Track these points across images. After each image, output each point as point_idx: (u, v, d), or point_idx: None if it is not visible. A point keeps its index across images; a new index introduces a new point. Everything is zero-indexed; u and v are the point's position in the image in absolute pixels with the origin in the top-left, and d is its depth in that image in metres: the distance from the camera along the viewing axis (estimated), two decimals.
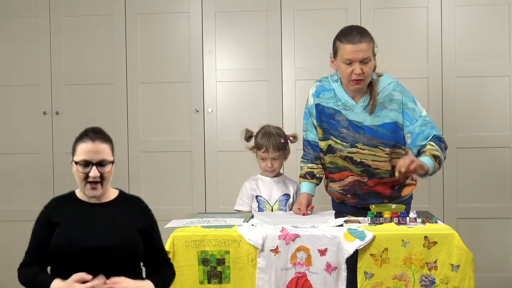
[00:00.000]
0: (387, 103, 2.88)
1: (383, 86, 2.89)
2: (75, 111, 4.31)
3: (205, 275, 2.55)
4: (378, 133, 2.88)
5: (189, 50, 4.27)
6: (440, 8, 4.14)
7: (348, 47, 2.79)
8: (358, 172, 2.96)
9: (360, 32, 2.82)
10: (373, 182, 2.97)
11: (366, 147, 2.89)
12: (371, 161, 2.91)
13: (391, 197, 3.02)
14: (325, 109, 2.95)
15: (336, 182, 3.04)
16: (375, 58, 2.86)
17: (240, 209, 3.23)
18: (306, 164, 3.10)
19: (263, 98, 4.24)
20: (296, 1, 4.20)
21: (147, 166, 4.31)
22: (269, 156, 3.18)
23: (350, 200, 3.05)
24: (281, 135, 3.22)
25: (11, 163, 4.37)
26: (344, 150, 2.93)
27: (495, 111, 4.14)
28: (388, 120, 2.87)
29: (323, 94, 2.98)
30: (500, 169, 4.15)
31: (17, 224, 4.13)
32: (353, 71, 2.79)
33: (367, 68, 2.80)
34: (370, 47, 2.81)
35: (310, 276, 2.53)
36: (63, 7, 4.32)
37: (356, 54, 2.78)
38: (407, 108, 2.87)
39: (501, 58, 4.12)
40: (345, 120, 2.91)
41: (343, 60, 2.82)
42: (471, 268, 2.48)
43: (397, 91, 2.89)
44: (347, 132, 2.91)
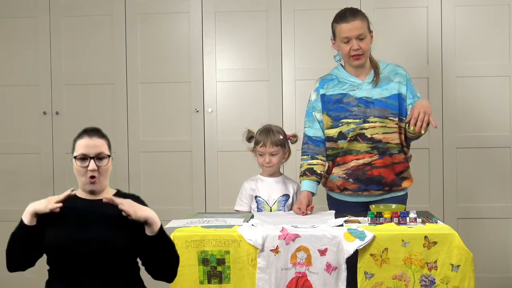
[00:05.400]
0: (392, 76, 3.10)
1: (385, 64, 3.15)
2: (75, 111, 4.31)
3: (205, 275, 2.55)
4: (388, 104, 3.05)
5: (189, 50, 4.27)
6: (440, 8, 4.14)
7: (344, 26, 3.05)
8: (368, 149, 3.04)
9: (353, 12, 3.08)
10: (382, 161, 3.04)
11: (377, 119, 3.04)
12: (382, 135, 3.04)
13: (391, 184, 3.07)
14: (331, 97, 3.10)
15: (340, 166, 3.09)
16: (372, 35, 3.10)
17: (239, 209, 3.23)
18: (306, 161, 3.12)
19: (263, 98, 4.24)
20: (296, 1, 4.20)
21: (147, 166, 4.31)
22: (266, 150, 3.18)
23: (351, 185, 3.07)
24: (280, 132, 3.22)
25: (11, 163, 4.38)
26: (356, 128, 3.04)
27: (495, 111, 4.14)
28: (395, 92, 3.07)
29: (327, 84, 3.15)
30: (500, 169, 4.15)
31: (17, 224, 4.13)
32: (351, 47, 3.03)
33: (364, 44, 3.04)
34: (364, 24, 3.06)
35: (310, 276, 2.53)
36: (63, 7, 4.32)
37: (351, 32, 3.03)
38: (410, 84, 3.11)
39: (501, 58, 4.12)
40: (354, 100, 3.07)
41: (341, 39, 3.07)
42: (471, 268, 2.48)
43: (401, 68, 3.15)
44: (358, 109, 3.05)
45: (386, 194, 3.08)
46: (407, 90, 3.07)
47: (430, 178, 4.15)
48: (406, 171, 3.12)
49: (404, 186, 3.11)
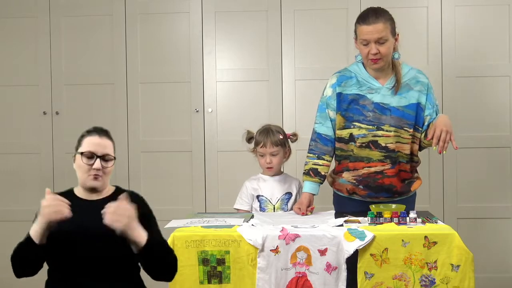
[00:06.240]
0: (413, 84, 2.97)
1: (407, 69, 3.01)
2: (75, 111, 4.31)
3: (205, 275, 2.55)
4: (405, 113, 2.94)
5: (189, 50, 4.27)
6: (440, 8, 4.14)
7: (364, 28, 2.88)
8: (381, 158, 2.96)
9: (376, 13, 2.90)
10: (393, 171, 2.97)
11: (392, 128, 2.94)
12: (395, 144, 2.95)
13: (401, 192, 3.04)
14: (348, 97, 2.98)
15: (350, 172, 3.02)
16: (397, 38, 2.95)
17: (239, 208, 3.23)
18: (311, 159, 3.06)
19: (263, 98, 4.24)
20: (296, 1, 4.20)
21: (147, 166, 4.31)
22: (267, 151, 3.17)
23: (361, 191, 3.03)
24: (280, 132, 3.21)
25: (11, 163, 4.38)
26: (368, 134, 2.95)
27: (495, 111, 4.14)
28: (414, 101, 2.95)
29: (345, 82, 3.01)
30: (500, 169, 4.15)
31: (17, 224, 4.12)
32: (370, 51, 2.88)
33: (384, 48, 2.88)
34: (387, 27, 2.89)
35: (310, 276, 2.53)
36: (63, 7, 4.32)
37: (371, 35, 2.86)
38: (430, 92, 2.99)
39: (501, 58, 4.13)
40: (370, 104, 2.95)
41: (360, 41, 2.92)
42: (471, 268, 2.48)
43: (423, 75, 3.02)
44: (373, 114, 2.94)
45: (395, 199, 3.04)
46: (426, 100, 2.96)
47: (430, 178, 4.15)
48: (412, 177, 3.06)
49: (414, 189, 3.08)
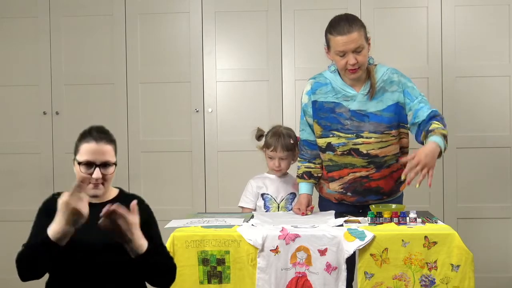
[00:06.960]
0: (388, 86, 2.87)
1: (382, 71, 2.90)
2: (75, 111, 4.31)
3: (205, 275, 2.55)
4: (384, 118, 2.86)
5: (189, 50, 4.27)
6: (440, 8, 4.14)
7: (339, 39, 2.76)
8: (364, 164, 2.91)
9: (348, 21, 2.78)
10: (380, 174, 2.93)
11: (372, 134, 2.86)
12: (378, 150, 2.88)
13: (390, 193, 3.02)
14: (323, 105, 2.91)
15: (336, 181, 3.00)
16: (369, 42, 2.83)
17: (244, 206, 3.22)
18: (303, 164, 3.08)
19: (263, 98, 4.24)
20: (296, 1, 4.20)
21: (147, 166, 4.31)
22: (277, 155, 3.17)
23: (349, 198, 3.02)
24: (291, 136, 3.20)
25: (11, 163, 4.38)
26: (348, 143, 2.89)
27: (495, 111, 4.14)
28: (391, 103, 2.87)
29: (319, 89, 2.94)
30: (500, 169, 4.15)
31: (17, 224, 4.12)
32: (348, 61, 2.77)
33: (361, 56, 2.77)
34: (361, 34, 2.77)
35: (310, 276, 2.53)
36: (63, 7, 4.32)
37: (348, 45, 2.75)
38: (406, 87, 2.87)
39: (501, 58, 4.13)
40: (347, 111, 2.87)
41: (336, 52, 2.80)
42: (471, 268, 2.48)
43: (395, 73, 2.90)
44: (351, 123, 2.87)
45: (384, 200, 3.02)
46: (404, 96, 2.86)
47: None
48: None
49: (402, 189, 3.02)
